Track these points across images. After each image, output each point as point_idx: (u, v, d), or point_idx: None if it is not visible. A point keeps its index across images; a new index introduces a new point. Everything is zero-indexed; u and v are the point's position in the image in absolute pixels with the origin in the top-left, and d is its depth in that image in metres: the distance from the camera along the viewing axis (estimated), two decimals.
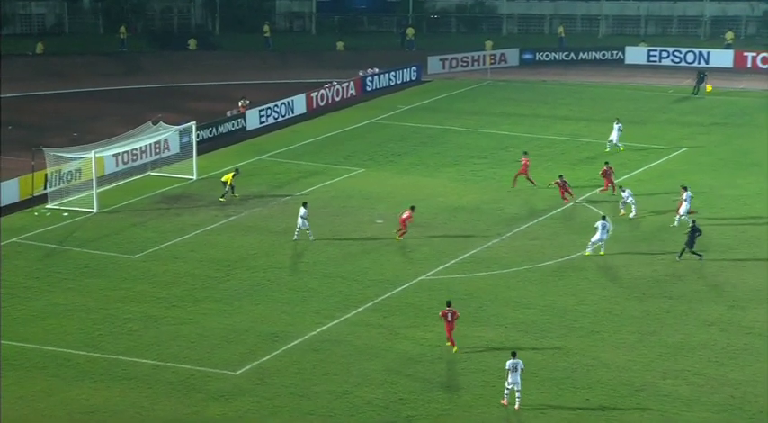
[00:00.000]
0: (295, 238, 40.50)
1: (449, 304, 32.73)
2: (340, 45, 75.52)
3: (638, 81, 67.95)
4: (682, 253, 38.66)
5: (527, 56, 72.51)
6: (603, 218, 39.72)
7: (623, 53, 73.01)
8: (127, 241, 40.90)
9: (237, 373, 31.21)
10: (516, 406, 29.41)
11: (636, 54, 72.83)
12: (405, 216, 40.65)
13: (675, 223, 41.87)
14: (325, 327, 34.05)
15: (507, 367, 29.61)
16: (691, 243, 38.60)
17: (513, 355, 29.80)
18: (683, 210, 41.76)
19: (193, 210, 44.31)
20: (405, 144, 53.72)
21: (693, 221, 39.46)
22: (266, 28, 76.06)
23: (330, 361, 31.94)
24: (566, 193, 43.97)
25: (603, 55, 73.12)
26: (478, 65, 70.51)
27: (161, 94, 63.68)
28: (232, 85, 64.03)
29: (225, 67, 69.94)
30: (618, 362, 32.04)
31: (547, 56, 72.89)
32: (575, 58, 72.92)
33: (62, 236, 41.37)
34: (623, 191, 43.10)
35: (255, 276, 37.82)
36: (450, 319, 32.44)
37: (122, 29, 73.83)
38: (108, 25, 77.07)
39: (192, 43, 74.97)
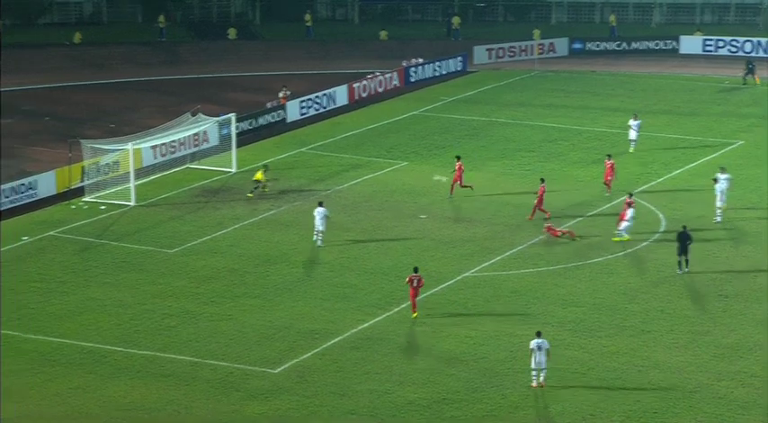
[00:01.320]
0: (319, 244, 39.68)
1: (416, 270, 33.96)
2: (383, 34, 75.47)
3: (692, 71, 67.27)
4: (680, 265, 37.07)
5: (577, 45, 72.02)
6: (538, 335, 33.14)
7: (677, 42, 72.27)
8: (165, 235, 41.19)
9: (277, 371, 31.35)
10: (541, 383, 29.84)
11: (691, 43, 72.08)
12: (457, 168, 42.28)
13: (718, 219, 41.18)
14: (366, 324, 34.10)
15: (531, 347, 29.92)
16: (683, 249, 36.98)
17: (538, 334, 30.14)
18: (719, 202, 40.98)
19: (232, 203, 44.53)
20: (449, 137, 53.62)
21: (684, 227, 37.92)
22: (308, 17, 76.17)
23: (371, 359, 31.98)
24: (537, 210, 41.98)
25: (657, 44, 72.45)
26: (526, 55, 70.14)
27: (200, 84, 64.01)
28: (272, 76, 64.21)
29: (265, 56, 70.17)
30: (670, 363, 31.79)
31: (597, 45, 72.33)
32: (626, 48, 72.30)
33: (99, 229, 41.76)
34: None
35: (295, 272, 37.95)
36: (415, 284, 33.72)
37: (161, 18, 74.28)
38: (147, 14, 77.57)
39: (232, 32, 75.28)
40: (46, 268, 38.21)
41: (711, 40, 71.83)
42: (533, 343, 30.19)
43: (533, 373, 30.13)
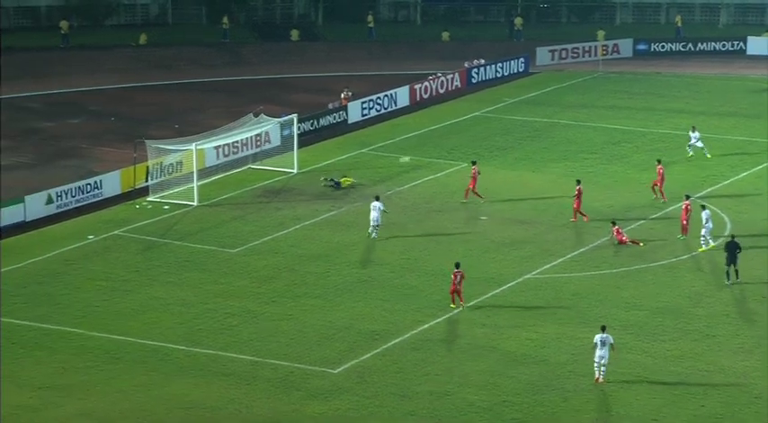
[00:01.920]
0: (373, 235, 40.27)
1: (458, 266, 34.73)
2: (445, 35, 75.36)
3: (760, 73, 66.23)
4: (727, 274, 36.27)
5: (641, 46, 71.29)
6: (703, 207, 38.97)
7: (745, 43, 71.21)
8: (227, 235, 41.51)
9: (337, 371, 31.44)
10: (601, 379, 29.96)
11: (759, 44, 70.96)
12: None
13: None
14: (426, 325, 34.06)
15: (595, 341, 30.30)
16: (732, 259, 36.13)
17: (603, 329, 30.53)
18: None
19: (294, 204, 44.75)
20: (510, 138, 53.39)
21: (732, 236, 37.12)
22: (370, 18, 76.29)
23: (431, 360, 31.94)
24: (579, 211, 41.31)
25: (723, 45, 71.45)
26: (590, 56, 69.57)
27: (262, 85, 64.41)
28: (334, 77, 64.41)
29: (327, 57, 70.41)
30: (735, 367, 31.35)
31: (662, 46, 71.51)
32: (692, 49, 71.40)
33: (162, 229, 42.18)
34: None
35: (356, 273, 38.03)
36: (458, 280, 34.47)
37: (225, 19, 74.87)
38: (211, 16, 78.21)
39: (295, 34, 75.65)
40: (110, 267, 38.71)
41: None
42: (597, 337, 30.49)
43: (596, 365, 30.37)
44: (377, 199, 41.01)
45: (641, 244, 39.70)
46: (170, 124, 55.36)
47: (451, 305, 35.17)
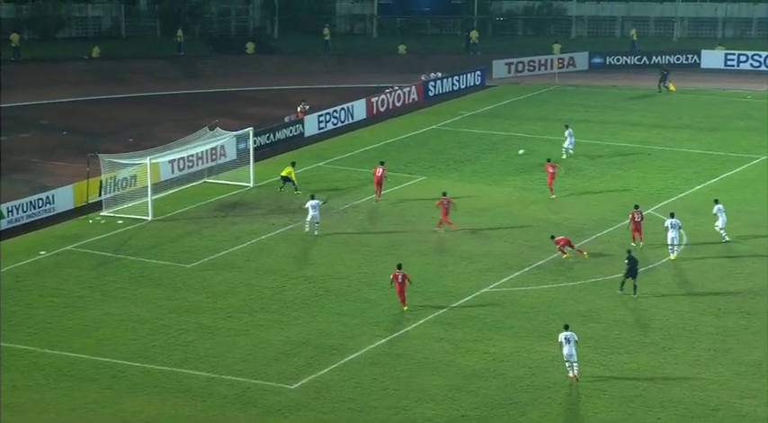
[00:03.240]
0: (307, 229, 41.84)
1: (399, 267, 35.53)
2: (402, 48, 75.59)
3: (714, 86, 67.09)
4: (622, 285, 36.95)
5: (597, 60, 71.95)
6: (672, 216, 40.25)
7: (699, 57, 72.11)
8: (182, 250, 41.28)
9: (294, 387, 31.33)
10: (575, 375, 30.97)
11: (712, 58, 71.91)
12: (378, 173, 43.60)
13: (725, 238, 40.93)
14: (384, 340, 34.05)
15: (560, 340, 31.17)
16: (632, 272, 36.64)
17: (566, 327, 31.46)
18: (720, 223, 40.77)
19: (250, 218, 44.60)
20: (468, 151, 53.58)
21: (629, 251, 37.74)
22: (326, 31, 76.38)
23: (389, 375, 31.92)
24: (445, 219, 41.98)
25: (678, 59, 72.26)
26: (546, 69, 70.12)
27: (218, 98, 64.24)
28: (290, 90, 64.38)
29: (283, 70, 70.38)
30: (692, 380, 31.61)
31: (618, 60, 72.23)
32: (647, 63, 72.18)
33: (116, 244, 41.87)
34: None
35: (313, 287, 37.95)
36: (400, 280, 35.21)
37: (179, 32, 74.61)
38: (165, 28, 77.94)
39: (250, 46, 75.55)
40: (63, 283, 38.34)
41: (733, 54, 71.63)
42: (562, 335, 31.23)
43: (567, 364, 31.11)
44: (312, 197, 42.11)
45: (585, 254, 40.10)
46: (124, 138, 55.02)
47: (404, 308, 35.53)
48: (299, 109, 57.10)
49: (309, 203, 42.21)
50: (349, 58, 73.94)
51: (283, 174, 47.38)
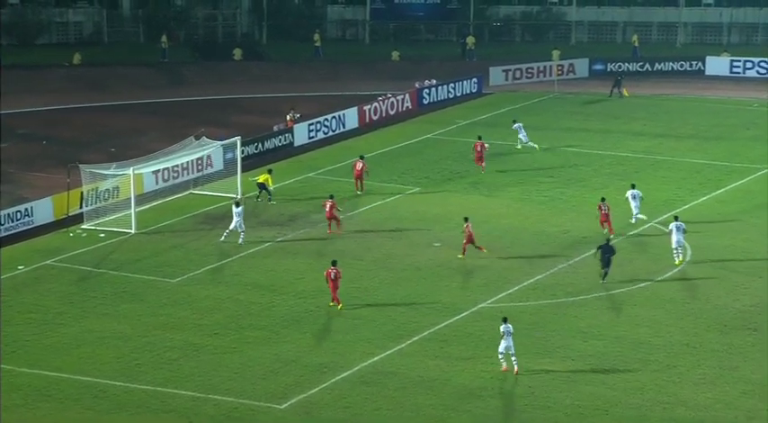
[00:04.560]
0: (222, 239, 42.34)
1: (334, 264, 36.69)
2: (395, 55, 75.78)
3: (719, 94, 67.32)
4: (605, 276, 39.06)
5: (598, 66, 72.18)
6: (676, 218, 41.12)
7: (703, 64, 72.39)
8: (166, 264, 41.26)
9: (283, 406, 31.32)
10: (516, 370, 32.42)
11: (717, 65, 72.18)
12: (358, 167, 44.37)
13: (634, 220, 43.32)
14: (376, 358, 34.05)
15: (502, 331, 32.76)
16: (606, 262, 38.90)
17: (505, 320, 33.07)
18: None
19: (235, 231, 44.53)
20: (464, 161, 53.68)
21: (608, 240, 40.19)
22: (316, 36, 76.56)
23: (382, 394, 31.91)
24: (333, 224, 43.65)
25: (682, 65, 72.56)
26: (544, 76, 70.32)
27: (204, 106, 64.29)
28: (279, 98, 64.49)
29: (272, 78, 70.49)
30: (697, 400, 31.64)
31: (619, 66, 72.44)
32: (650, 69, 72.43)
33: (98, 258, 41.85)
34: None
35: (303, 303, 37.96)
36: (333, 277, 36.37)
37: (164, 38, 74.73)
38: (149, 34, 78.06)
39: (238, 53, 75.68)
40: (42, 299, 38.29)
41: (739, 61, 71.93)
42: (503, 328, 32.87)
43: (501, 356, 32.74)
44: (236, 205, 42.71)
45: (484, 250, 41.07)
46: (106, 148, 55.03)
47: (332, 304, 36.84)
48: (288, 118, 57.18)
49: (234, 210, 42.54)
50: (340, 65, 74.08)
51: (259, 180, 47.46)
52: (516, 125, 54.99)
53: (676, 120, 61.74)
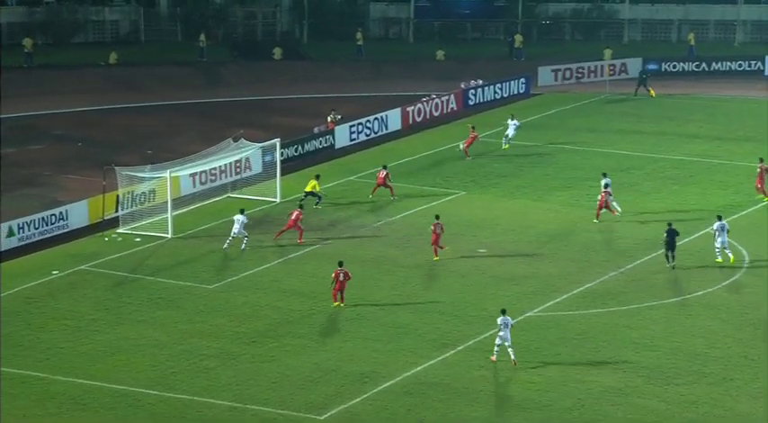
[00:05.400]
0: (226, 246, 42.63)
1: (341, 264, 37.73)
2: (440, 54, 75.76)
3: None
4: (668, 260, 40.52)
5: (651, 66, 71.66)
6: (719, 218, 41.45)
7: (763, 63, 71.75)
8: (203, 270, 41.48)
9: (323, 417, 31.37)
10: (513, 361, 33.38)
11: None
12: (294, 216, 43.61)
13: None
14: (420, 367, 34.03)
15: (499, 323, 33.66)
16: (671, 244, 40.49)
17: (503, 312, 34.04)
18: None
19: (274, 236, 44.71)
20: (511, 164, 53.55)
21: (669, 224, 40.99)
22: (359, 35, 76.70)
23: (425, 406, 31.89)
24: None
25: (740, 65, 71.97)
26: (595, 76, 69.99)
27: (243, 107, 64.59)
28: (320, 99, 64.66)
29: (313, 78, 70.69)
30: (755, 414, 31.37)
31: (674, 66, 72.00)
32: (707, 69, 71.89)
33: (134, 263, 42.14)
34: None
35: (344, 310, 38.01)
36: (341, 279, 37.45)
37: (202, 37, 75.19)
38: (187, 33, 78.58)
39: (278, 52, 75.99)
40: (77, 305, 38.61)
41: None
42: (500, 319, 33.75)
43: (497, 347, 33.64)
44: (241, 212, 43.12)
45: (445, 247, 41.49)
46: (142, 150, 55.41)
47: (334, 304, 37.44)
48: (329, 119, 57.31)
49: (236, 217, 42.87)
50: (383, 65, 74.16)
51: (307, 189, 47.54)
52: (513, 122, 55.38)
53: (734, 122, 61.23)
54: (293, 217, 43.68)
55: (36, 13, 76.62)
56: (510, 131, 55.60)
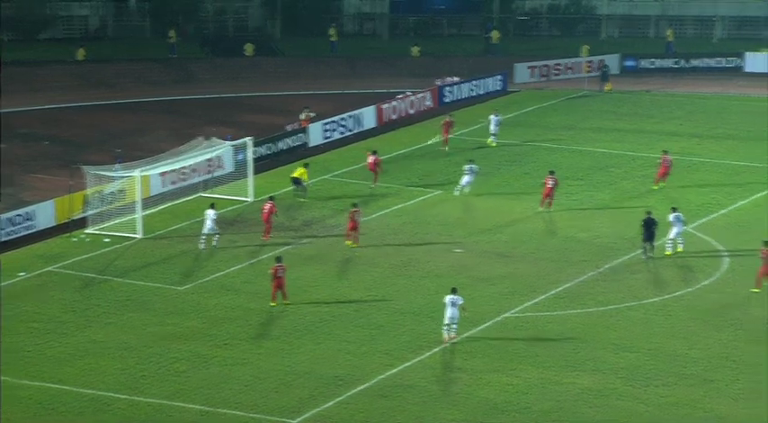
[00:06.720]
0: (202, 246, 42.51)
1: (279, 260, 37.84)
2: (415, 50, 75.76)
3: (759, 92, 67.01)
4: (645, 251, 41.01)
5: (629, 63, 72.00)
6: (674, 210, 42.20)
7: (742, 60, 72.09)
8: (174, 271, 41.31)
9: (296, 420, 31.29)
10: (451, 336, 34.59)
11: (757, 61, 71.86)
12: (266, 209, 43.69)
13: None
14: (395, 370, 33.99)
15: (446, 302, 34.39)
16: (649, 236, 40.89)
17: (454, 290, 34.81)
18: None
19: (249, 235, 44.62)
20: (488, 163, 53.57)
21: (648, 212, 41.57)
22: (332, 31, 76.61)
23: (401, 409, 31.85)
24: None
25: (719, 62, 72.28)
26: (573, 73, 70.16)
27: (214, 105, 64.40)
28: (293, 96, 64.57)
29: (286, 74, 70.59)
30: (736, 416, 31.48)
31: (652, 63, 72.28)
32: (685, 66, 72.19)
33: (102, 264, 41.93)
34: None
35: (317, 311, 37.93)
36: (280, 274, 37.50)
37: (172, 32, 74.92)
38: (156, 29, 78.27)
39: (250, 48, 75.80)
40: (44, 307, 38.37)
41: None
42: (448, 298, 34.44)
43: (445, 327, 34.46)
44: (211, 207, 43.36)
45: (351, 244, 42.01)
46: (111, 148, 55.17)
47: (272, 304, 37.37)
48: (302, 117, 57.20)
49: (207, 213, 43.00)
50: (357, 61, 74.12)
51: (294, 175, 47.87)
52: (495, 117, 55.57)
53: (713, 120, 61.50)
54: (266, 210, 43.59)
55: (2, 8, 76.12)
56: (492, 127, 55.73)
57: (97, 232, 44.83)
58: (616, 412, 31.54)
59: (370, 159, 49.33)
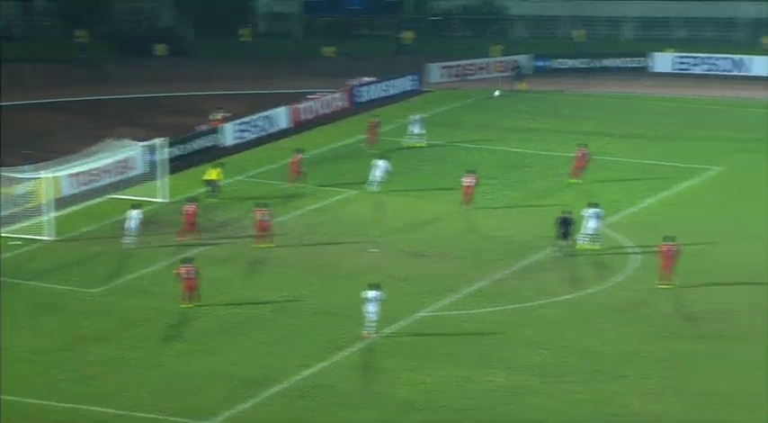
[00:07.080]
0: (127, 242, 43.06)
1: (189, 261, 37.92)
2: (329, 50, 75.80)
3: (666, 92, 68.26)
4: (559, 249, 41.64)
5: (541, 63, 72.82)
6: (594, 205, 42.85)
7: (649, 60, 73.32)
8: (87, 273, 40.93)
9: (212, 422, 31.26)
10: (372, 334, 34.95)
11: (664, 61, 73.17)
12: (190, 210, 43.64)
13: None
14: (312, 370, 34.08)
15: (370, 297, 34.82)
16: (564, 234, 41.51)
17: (378, 286, 35.17)
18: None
19: (162, 237, 44.36)
20: (402, 163, 53.83)
21: (565, 212, 42.14)
22: (245, 31, 76.31)
23: (320, 409, 31.94)
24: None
25: (626, 62, 73.43)
26: (486, 73, 70.78)
27: (126, 106, 63.82)
28: (206, 96, 64.22)
29: (198, 75, 70.19)
30: (647, 411, 32.04)
31: (563, 63, 73.15)
32: (595, 66, 73.21)
33: (13, 267, 41.38)
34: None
35: (233, 313, 37.86)
36: (192, 276, 37.43)
37: (81, 32, 74.03)
38: (65, 28, 77.26)
39: (161, 48, 75.21)
40: None
41: (686, 57, 72.96)
42: (371, 293, 34.96)
43: (366, 322, 34.84)
44: (134, 207, 43.41)
45: (264, 245, 42.18)
46: (19, 149, 54.37)
47: (183, 305, 37.33)
48: (215, 117, 56.96)
49: (131, 213, 43.17)
50: (271, 62, 73.94)
51: (211, 177, 47.81)
52: (416, 117, 55.87)
53: (622, 119, 62.42)
54: (189, 212, 43.40)
55: None
56: (416, 128, 55.94)
57: (7, 235, 44.20)
58: (530, 409, 31.96)
59: (295, 159, 49.23)
